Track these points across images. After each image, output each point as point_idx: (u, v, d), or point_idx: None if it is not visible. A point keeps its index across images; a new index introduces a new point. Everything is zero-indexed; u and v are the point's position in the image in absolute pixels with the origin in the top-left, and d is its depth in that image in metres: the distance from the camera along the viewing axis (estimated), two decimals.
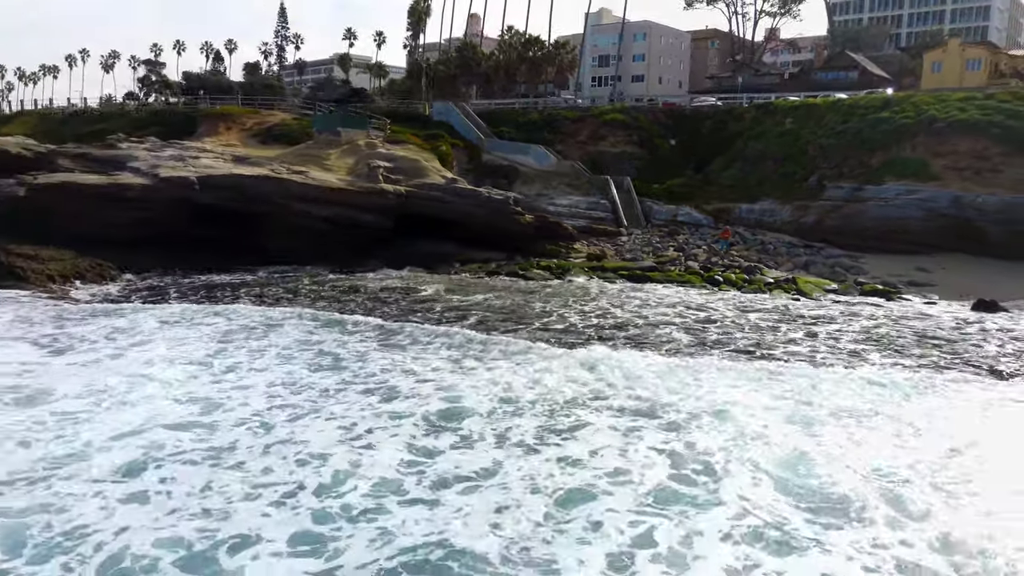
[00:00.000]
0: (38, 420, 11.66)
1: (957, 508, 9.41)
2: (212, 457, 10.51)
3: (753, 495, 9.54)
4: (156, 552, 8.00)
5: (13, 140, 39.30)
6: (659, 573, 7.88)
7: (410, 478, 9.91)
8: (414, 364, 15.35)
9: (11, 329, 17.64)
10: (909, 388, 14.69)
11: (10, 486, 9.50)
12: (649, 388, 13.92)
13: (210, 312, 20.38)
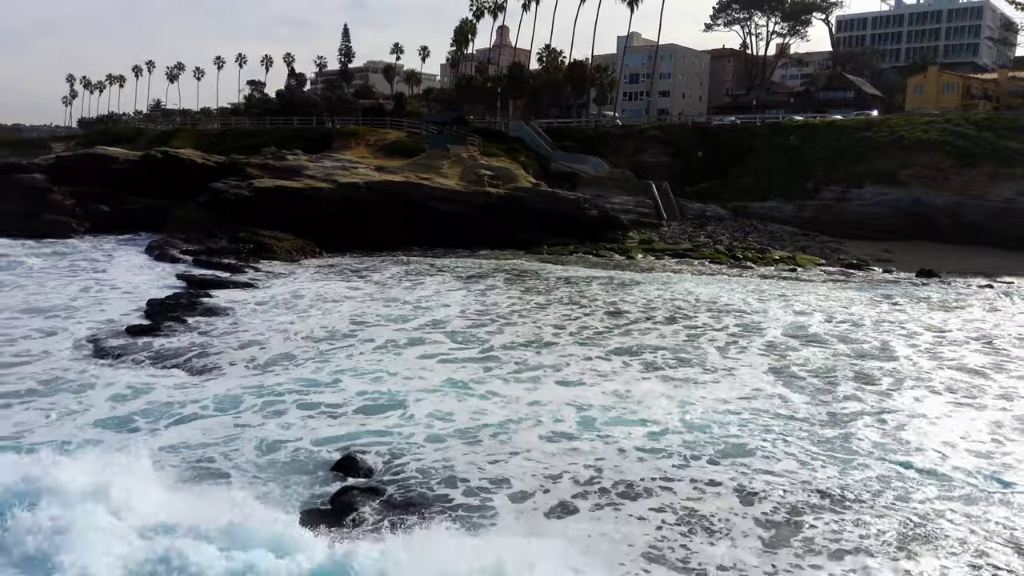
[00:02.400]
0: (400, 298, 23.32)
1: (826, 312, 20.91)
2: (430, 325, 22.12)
3: (786, 324, 21.05)
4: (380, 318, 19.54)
5: (197, 153, 51.24)
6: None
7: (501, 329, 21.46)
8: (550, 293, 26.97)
9: (323, 277, 29.38)
10: (852, 296, 26.17)
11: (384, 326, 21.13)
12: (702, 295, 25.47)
13: (403, 269, 32.08)
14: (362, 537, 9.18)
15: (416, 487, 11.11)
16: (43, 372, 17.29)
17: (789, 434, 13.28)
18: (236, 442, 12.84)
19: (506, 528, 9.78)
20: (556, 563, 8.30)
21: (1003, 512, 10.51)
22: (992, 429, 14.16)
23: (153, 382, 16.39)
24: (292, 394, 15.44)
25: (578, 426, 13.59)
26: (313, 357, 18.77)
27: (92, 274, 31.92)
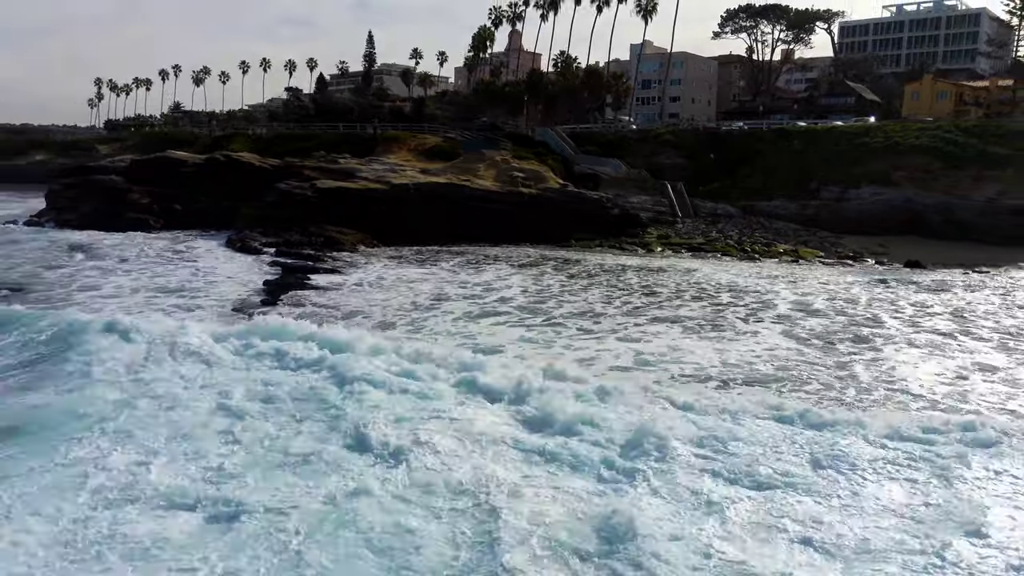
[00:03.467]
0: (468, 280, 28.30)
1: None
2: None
3: (793, 299, 26.02)
4: (456, 295, 24.52)
5: (254, 156, 56.27)
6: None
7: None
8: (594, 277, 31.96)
9: (396, 264, 34.46)
10: (850, 280, 31.11)
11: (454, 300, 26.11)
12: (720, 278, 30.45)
13: (462, 259, 37.10)
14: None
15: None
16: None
17: (804, 370, 18.21)
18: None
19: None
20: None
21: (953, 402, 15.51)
22: (956, 370, 19.11)
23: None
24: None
25: (636, 362, 18.54)
26: (408, 323, 23.73)
27: (188, 263, 36.91)
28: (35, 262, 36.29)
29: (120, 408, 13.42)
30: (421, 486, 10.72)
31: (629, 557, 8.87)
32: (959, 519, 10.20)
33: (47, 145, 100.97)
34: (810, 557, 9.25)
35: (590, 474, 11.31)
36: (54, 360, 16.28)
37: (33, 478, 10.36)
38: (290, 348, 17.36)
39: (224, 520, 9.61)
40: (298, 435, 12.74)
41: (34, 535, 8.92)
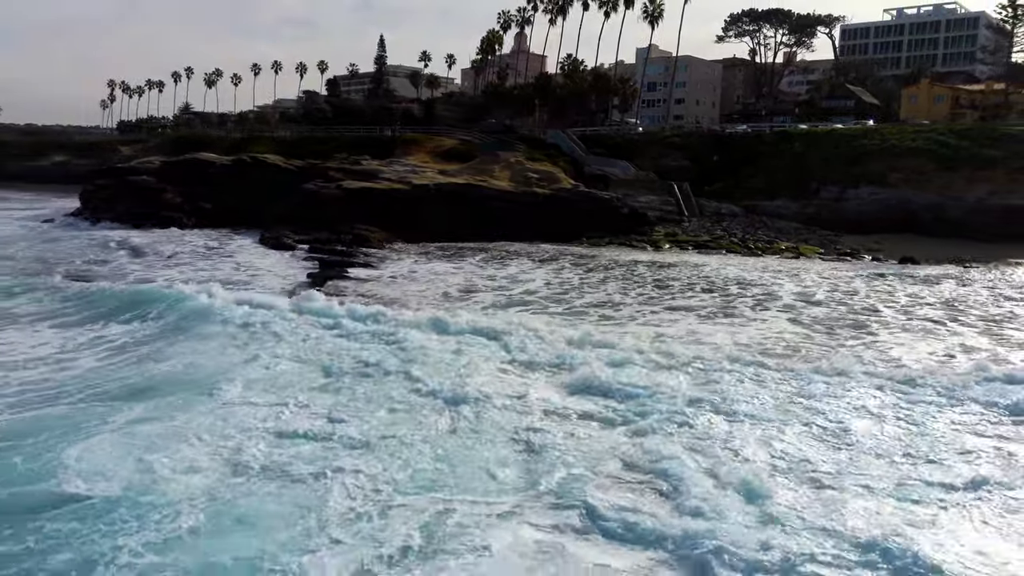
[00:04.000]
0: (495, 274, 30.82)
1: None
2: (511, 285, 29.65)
3: (798, 290, 28.55)
4: (484, 287, 27.05)
5: (279, 158, 58.85)
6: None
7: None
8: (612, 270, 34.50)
9: (425, 260, 37.01)
10: (849, 274, 33.62)
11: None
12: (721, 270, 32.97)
13: (486, 255, 39.65)
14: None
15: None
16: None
17: (812, 350, 20.64)
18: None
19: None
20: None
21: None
22: (944, 350, 21.56)
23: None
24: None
25: (658, 343, 21.03)
26: (445, 312, 26.22)
27: (227, 259, 39.43)
28: (84, 258, 38.84)
29: (246, 365, 16.38)
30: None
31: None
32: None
33: (67, 146, 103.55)
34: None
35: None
36: (181, 329, 19.50)
37: (199, 417, 13.12)
38: (355, 322, 20.28)
39: (355, 446, 12.28)
40: (385, 386, 15.44)
41: (210, 455, 11.54)
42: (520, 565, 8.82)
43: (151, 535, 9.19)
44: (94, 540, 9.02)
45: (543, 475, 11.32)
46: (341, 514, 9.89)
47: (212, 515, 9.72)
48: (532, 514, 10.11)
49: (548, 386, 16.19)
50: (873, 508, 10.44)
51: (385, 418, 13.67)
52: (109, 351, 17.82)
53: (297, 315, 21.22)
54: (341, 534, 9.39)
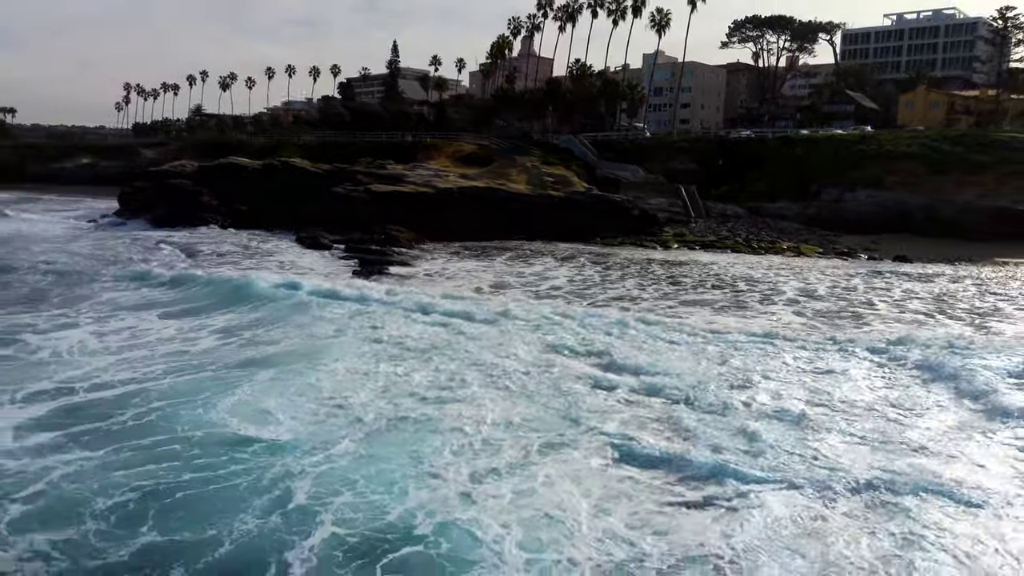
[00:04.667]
0: (522, 271, 34.04)
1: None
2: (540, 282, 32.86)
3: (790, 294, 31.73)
4: (512, 284, 30.24)
5: (306, 163, 62.07)
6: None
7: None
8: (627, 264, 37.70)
9: (457, 259, 40.27)
10: (849, 272, 36.75)
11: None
12: (729, 268, 36.14)
13: (511, 253, 42.86)
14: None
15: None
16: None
17: (817, 334, 23.74)
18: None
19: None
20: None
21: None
22: (932, 334, 24.66)
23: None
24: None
25: (676, 333, 24.22)
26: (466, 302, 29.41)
27: (269, 257, 42.56)
28: (139, 256, 41.97)
29: (347, 338, 20.39)
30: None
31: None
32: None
33: (92, 149, 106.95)
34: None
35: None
36: (284, 311, 23.53)
37: (317, 379, 16.54)
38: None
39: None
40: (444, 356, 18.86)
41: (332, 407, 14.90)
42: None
43: (310, 462, 12.44)
44: (273, 466, 12.27)
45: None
46: (447, 445, 13.12)
47: (348, 451, 12.97)
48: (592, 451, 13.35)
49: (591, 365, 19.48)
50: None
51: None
52: (220, 333, 21.22)
53: (381, 303, 24.76)
54: (451, 459, 12.63)
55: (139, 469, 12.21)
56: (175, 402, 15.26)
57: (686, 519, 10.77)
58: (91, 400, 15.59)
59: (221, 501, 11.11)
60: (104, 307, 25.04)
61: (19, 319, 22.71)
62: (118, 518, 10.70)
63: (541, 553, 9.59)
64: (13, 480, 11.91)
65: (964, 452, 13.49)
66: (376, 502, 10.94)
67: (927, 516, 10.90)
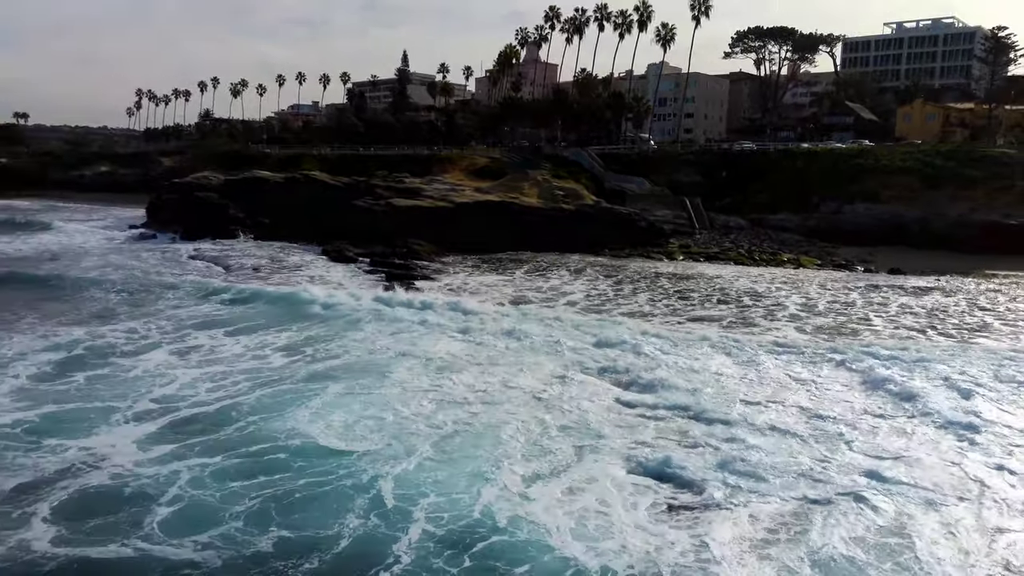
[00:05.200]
0: (540, 286, 36.68)
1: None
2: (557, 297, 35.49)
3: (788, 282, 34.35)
4: (531, 299, 32.87)
5: (325, 175, 64.73)
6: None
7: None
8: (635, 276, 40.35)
9: (478, 272, 42.92)
10: (848, 286, 39.34)
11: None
12: (732, 280, 38.76)
13: (529, 266, 45.48)
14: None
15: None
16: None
17: (819, 347, 26.34)
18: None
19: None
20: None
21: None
22: (922, 342, 27.27)
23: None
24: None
25: (688, 347, 26.84)
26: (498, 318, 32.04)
27: (300, 271, 44.96)
28: (177, 270, 44.56)
29: (399, 352, 23.28)
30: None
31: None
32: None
33: (110, 157, 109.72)
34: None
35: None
36: (337, 327, 26.52)
37: (384, 391, 19.21)
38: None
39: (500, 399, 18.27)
40: (485, 370, 21.42)
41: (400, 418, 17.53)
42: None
43: (393, 467, 15.08)
44: (363, 472, 14.91)
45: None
46: (501, 451, 15.78)
47: (423, 456, 15.62)
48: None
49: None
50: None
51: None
52: (285, 350, 23.97)
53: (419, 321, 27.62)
54: (506, 463, 15.28)
55: (253, 476, 14.86)
56: (266, 416, 17.92)
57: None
58: (195, 415, 18.23)
59: (328, 503, 13.74)
60: (170, 324, 27.72)
61: (106, 339, 25.32)
62: (249, 518, 13.32)
63: (596, 542, 12.23)
64: (153, 487, 14.57)
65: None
66: (456, 501, 13.59)
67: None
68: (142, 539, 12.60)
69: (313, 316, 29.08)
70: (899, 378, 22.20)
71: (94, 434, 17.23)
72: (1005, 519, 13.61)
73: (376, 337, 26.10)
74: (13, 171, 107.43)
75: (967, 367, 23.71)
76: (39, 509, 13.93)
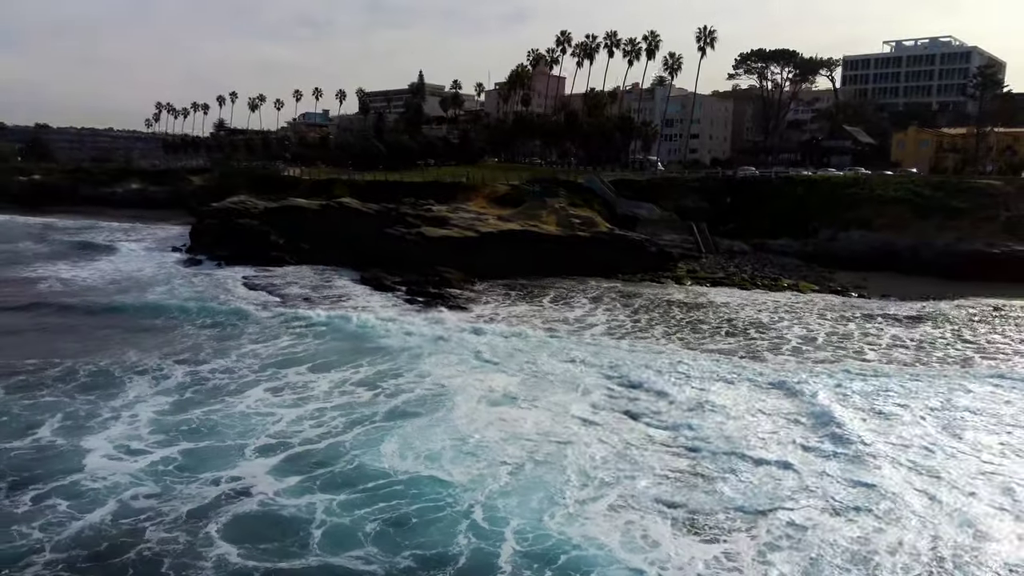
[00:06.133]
0: (567, 316, 41.31)
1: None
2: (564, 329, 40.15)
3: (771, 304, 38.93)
4: (561, 329, 37.46)
5: (357, 202, 69.35)
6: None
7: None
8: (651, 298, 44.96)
9: (509, 301, 47.57)
10: (846, 318, 43.88)
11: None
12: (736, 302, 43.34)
13: (553, 293, 50.10)
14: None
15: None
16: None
17: (820, 378, 30.83)
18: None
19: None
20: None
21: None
22: (911, 372, 31.79)
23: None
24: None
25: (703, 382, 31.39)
26: (535, 350, 36.63)
27: (345, 301, 49.15)
28: (236, 297, 49.05)
29: (462, 386, 28.37)
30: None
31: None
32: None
33: (140, 174, 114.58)
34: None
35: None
36: (404, 360, 31.94)
37: (462, 424, 23.92)
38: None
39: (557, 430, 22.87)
40: (539, 403, 26.04)
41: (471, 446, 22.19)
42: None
43: (480, 494, 19.65)
44: (459, 499, 19.50)
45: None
46: (564, 479, 20.35)
47: (502, 485, 20.20)
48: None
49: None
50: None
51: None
52: (366, 386, 28.72)
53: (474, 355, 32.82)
54: (580, 492, 19.84)
55: (373, 504, 19.44)
56: (366, 451, 22.51)
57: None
58: (308, 451, 22.82)
59: (440, 526, 18.31)
60: (257, 361, 32.34)
61: (210, 381, 29.91)
62: (379, 539, 17.89)
63: (643, 552, 16.84)
64: (299, 514, 19.15)
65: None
66: (535, 522, 18.19)
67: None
68: (310, 555, 17.18)
69: (378, 350, 33.87)
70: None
71: (235, 467, 21.78)
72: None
73: (436, 369, 30.92)
74: (47, 187, 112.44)
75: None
76: (214, 529, 18.48)
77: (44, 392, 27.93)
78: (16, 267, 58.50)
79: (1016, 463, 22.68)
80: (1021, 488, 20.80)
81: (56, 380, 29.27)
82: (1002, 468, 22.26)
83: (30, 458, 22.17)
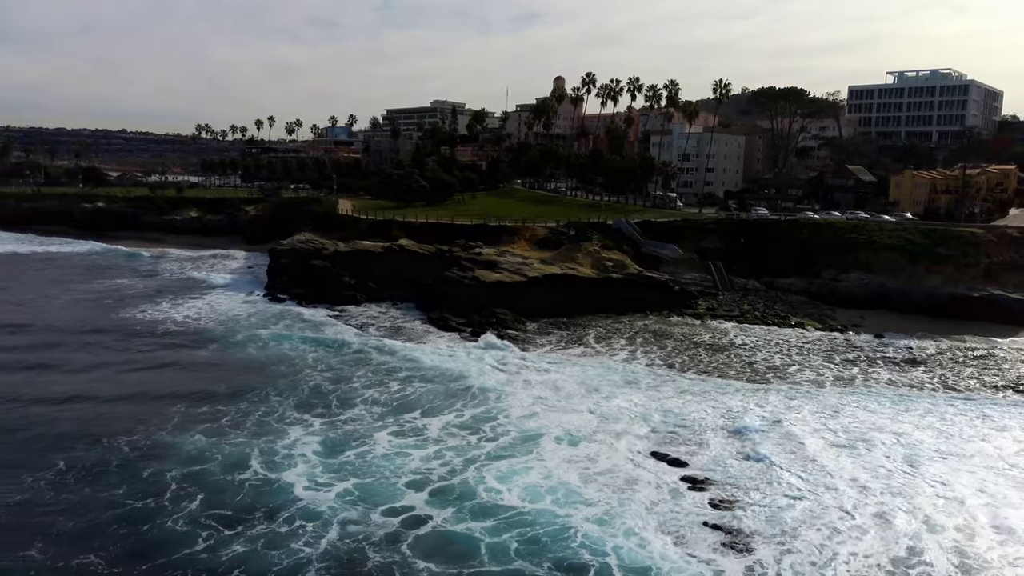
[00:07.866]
0: (613, 359, 50.51)
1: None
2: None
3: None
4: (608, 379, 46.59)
5: (414, 243, 78.57)
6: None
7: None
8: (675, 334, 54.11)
9: (560, 345, 56.84)
10: (849, 362, 52.87)
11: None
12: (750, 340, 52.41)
13: (592, 334, 59.26)
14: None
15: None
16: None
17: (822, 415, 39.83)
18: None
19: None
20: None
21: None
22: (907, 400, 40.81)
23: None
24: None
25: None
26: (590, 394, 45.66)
27: (422, 341, 58.45)
28: (342, 348, 58.07)
29: (540, 429, 37.02)
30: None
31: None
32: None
33: (197, 203, 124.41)
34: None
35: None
36: (490, 404, 39.31)
37: (551, 466, 33.01)
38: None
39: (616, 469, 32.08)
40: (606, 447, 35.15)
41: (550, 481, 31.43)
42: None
43: (571, 522, 28.80)
44: (567, 529, 28.68)
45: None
46: (643, 508, 29.48)
47: (589, 516, 29.32)
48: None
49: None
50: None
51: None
52: (468, 430, 38.04)
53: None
54: (653, 521, 28.98)
55: (510, 530, 28.50)
56: (490, 487, 31.60)
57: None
58: (447, 486, 31.80)
59: (552, 546, 27.39)
60: (377, 408, 41.56)
61: (345, 426, 39.03)
62: (528, 554, 26.94)
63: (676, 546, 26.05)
64: (467, 537, 28.32)
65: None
66: (619, 550, 27.27)
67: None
68: (483, 567, 26.21)
69: (466, 392, 43.56)
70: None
71: (400, 499, 30.86)
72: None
73: (518, 412, 40.15)
74: (111, 214, 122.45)
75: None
76: (406, 547, 27.55)
77: (232, 436, 37.15)
78: (128, 309, 67.66)
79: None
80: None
81: (231, 427, 38.43)
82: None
83: (260, 489, 31.41)
